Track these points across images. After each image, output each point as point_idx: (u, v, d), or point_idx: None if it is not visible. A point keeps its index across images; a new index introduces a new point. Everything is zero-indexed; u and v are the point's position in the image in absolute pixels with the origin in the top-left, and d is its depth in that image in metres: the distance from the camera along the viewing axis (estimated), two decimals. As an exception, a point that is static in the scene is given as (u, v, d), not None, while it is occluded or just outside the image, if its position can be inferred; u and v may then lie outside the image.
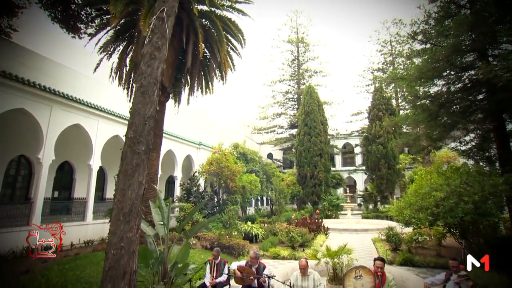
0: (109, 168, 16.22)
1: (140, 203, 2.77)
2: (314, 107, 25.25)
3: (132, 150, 2.71)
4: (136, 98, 2.87)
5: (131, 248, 2.63)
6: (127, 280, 2.50)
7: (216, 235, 11.23)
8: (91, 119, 12.47)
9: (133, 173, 2.66)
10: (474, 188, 8.00)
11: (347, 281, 4.17)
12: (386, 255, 9.87)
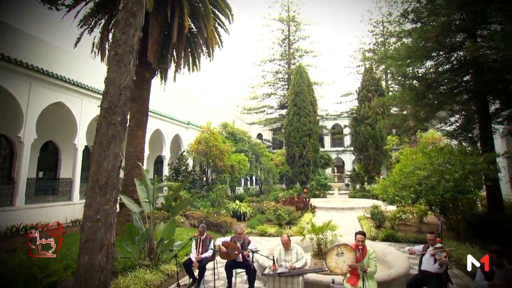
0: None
1: (117, 175, 2.71)
2: (304, 87, 25.09)
3: (107, 121, 2.61)
4: (111, 67, 2.73)
5: (108, 220, 2.59)
6: (105, 253, 2.49)
7: (204, 213, 11.33)
8: (75, 97, 12.06)
9: (108, 145, 2.57)
10: (455, 166, 8.23)
11: (329, 258, 4.26)
12: (370, 231, 10.19)
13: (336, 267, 4.24)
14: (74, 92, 11.91)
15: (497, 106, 10.27)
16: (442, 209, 9.65)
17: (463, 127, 11.19)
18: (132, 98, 9.32)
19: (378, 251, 7.09)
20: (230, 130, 22.40)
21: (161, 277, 5.77)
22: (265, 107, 35.68)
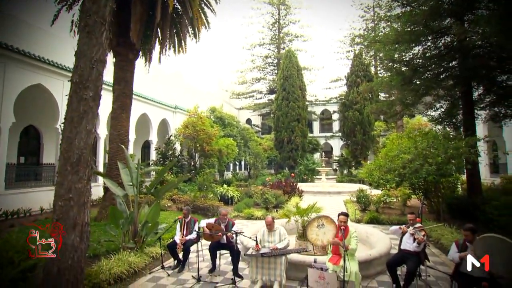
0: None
1: (89, 152, 2.60)
2: (293, 72, 24.91)
3: (78, 95, 2.48)
4: (81, 39, 2.56)
5: (81, 199, 2.51)
6: (79, 232, 2.41)
7: (191, 197, 11.32)
8: (55, 79, 11.59)
9: (80, 121, 2.45)
10: (438, 150, 8.39)
11: (310, 230, 4.31)
12: (355, 214, 10.40)
13: (317, 239, 4.30)
14: (54, 74, 11.44)
15: (480, 92, 10.42)
16: (425, 192, 9.90)
17: (447, 112, 11.37)
18: (115, 80, 9.16)
19: (361, 232, 7.26)
20: (218, 115, 22.17)
21: (146, 259, 5.76)
22: (254, 92, 35.39)
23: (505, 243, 3.46)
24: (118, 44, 9.00)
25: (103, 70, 2.80)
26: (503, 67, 9.10)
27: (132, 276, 5.14)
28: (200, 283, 4.86)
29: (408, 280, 4.42)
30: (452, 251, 4.15)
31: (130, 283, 4.90)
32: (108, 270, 4.89)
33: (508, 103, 9.85)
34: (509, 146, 15.56)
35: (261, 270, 4.41)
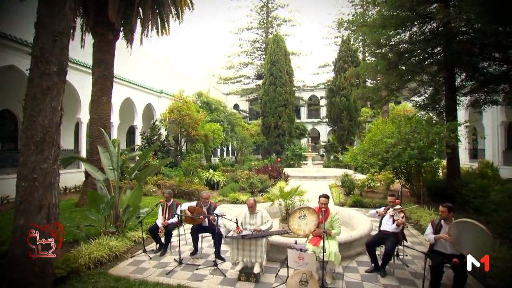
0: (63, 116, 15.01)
1: (56, 131, 2.46)
2: (281, 57, 24.61)
3: (40, 70, 2.31)
4: (40, 9, 2.35)
5: (47, 180, 2.39)
6: (45, 214, 2.31)
7: (176, 182, 11.23)
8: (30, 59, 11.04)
9: (43, 97, 2.29)
10: (421, 135, 8.52)
11: (292, 221, 4.33)
12: (339, 198, 10.58)
13: (299, 229, 4.33)
14: (28, 54, 10.88)
15: (462, 78, 10.57)
16: (407, 176, 10.13)
17: (431, 98, 11.54)
18: (94, 62, 8.80)
19: (344, 215, 7.40)
20: (205, 100, 21.84)
21: (128, 243, 5.70)
22: (241, 77, 34.93)
23: (475, 227, 3.65)
24: (96, 24, 8.58)
25: (68, 44, 2.62)
26: (485, 53, 9.22)
27: (113, 260, 5.09)
28: (181, 265, 4.85)
29: (386, 259, 4.55)
30: (428, 231, 4.27)
31: (111, 267, 4.85)
32: (87, 254, 4.82)
33: (488, 90, 10.05)
34: (487, 131, 16.04)
35: (242, 252, 4.43)
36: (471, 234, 3.68)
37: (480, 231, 3.60)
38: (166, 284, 4.18)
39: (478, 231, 3.62)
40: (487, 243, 3.55)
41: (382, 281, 4.33)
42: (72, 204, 8.74)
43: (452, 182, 9.28)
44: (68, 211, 7.90)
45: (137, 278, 4.41)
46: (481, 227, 3.60)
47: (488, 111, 15.11)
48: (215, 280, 4.33)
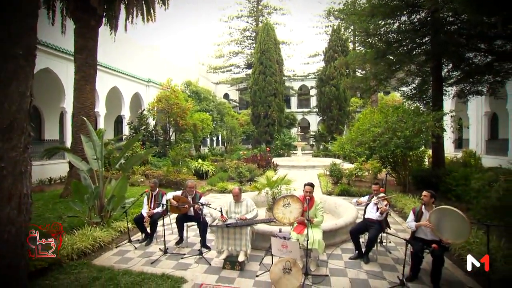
0: (44, 106, 14.56)
1: (26, 118, 2.35)
2: (271, 46, 24.35)
3: (3, 52, 2.18)
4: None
5: (17, 169, 2.29)
6: (15, 204, 2.22)
7: (164, 172, 11.13)
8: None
9: (9, 82, 2.17)
10: (407, 124, 8.62)
11: (276, 209, 4.34)
12: (327, 187, 10.67)
13: (284, 217, 4.35)
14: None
15: (449, 68, 10.68)
16: (394, 165, 10.28)
17: (418, 87, 11.65)
18: (76, 49, 8.50)
19: (331, 203, 7.48)
20: (193, 89, 21.53)
21: (113, 233, 5.65)
22: (231, 66, 34.51)
23: (453, 213, 3.75)
24: (76, 8, 8.24)
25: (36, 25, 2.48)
26: (471, 44, 9.30)
27: (97, 250, 5.04)
28: (166, 255, 4.84)
29: (369, 246, 4.64)
30: (409, 218, 4.35)
31: (95, 258, 4.80)
32: (70, 245, 4.75)
33: (473, 80, 10.20)
34: (472, 121, 16.37)
35: (227, 240, 4.44)
36: (450, 220, 3.79)
37: (458, 217, 3.69)
38: (151, 273, 4.16)
39: (456, 217, 3.71)
40: (465, 228, 3.65)
41: (365, 268, 4.42)
42: (56, 195, 8.58)
43: (436, 171, 9.47)
44: (52, 202, 7.76)
45: (121, 267, 4.38)
46: (459, 213, 3.69)
47: (473, 102, 15.40)
48: (200, 269, 4.33)
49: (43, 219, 6.33)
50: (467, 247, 4.63)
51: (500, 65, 9.28)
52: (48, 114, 14.81)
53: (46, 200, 8.02)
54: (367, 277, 4.13)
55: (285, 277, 3.69)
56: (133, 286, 3.80)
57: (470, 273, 4.20)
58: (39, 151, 11.72)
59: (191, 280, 3.99)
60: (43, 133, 14.99)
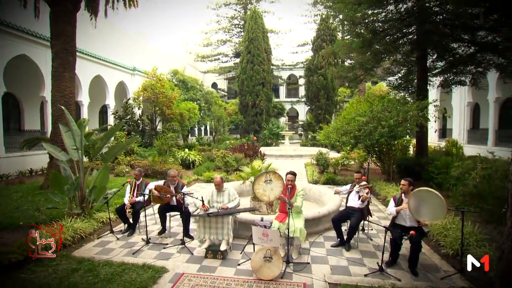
0: (23, 95, 14.03)
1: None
2: (259, 34, 24.00)
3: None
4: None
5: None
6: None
7: (149, 162, 10.98)
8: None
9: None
10: (392, 113, 8.71)
11: (257, 185, 4.32)
12: (313, 176, 10.77)
13: (264, 194, 4.35)
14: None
15: (433, 59, 10.79)
16: (379, 154, 10.43)
17: (405, 77, 11.76)
18: (53, 34, 8.15)
19: (315, 192, 7.56)
20: (180, 78, 21.13)
21: (95, 224, 5.57)
22: (219, 55, 33.99)
23: (430, 193, 3.87)
24: (51, -10, 7.86)
25: None
26: (455, 35, 9.39)
27: (78, 242, 4.95)
28: (149, 245, 4.80)
29: (350, 234, 4.71)
30: (390, 205, 4.44)
31: (76, 249, 4.72)
32: (49, 237, 4.64)
33: (456, 71, 10.35)
34: (455, 111, 16.73)
35: (209, 229, 4.43)
36: (427, 202, 3.89)
37: (434, 197, 3.81)
38: (132, 263, 4.13)
39: (432, 197, 3.83)
40: (441, 208, 3.77)
41: (346, 255, 4.50)
42: (36, 186, 8.35)
43: (420, 160, 9.66)
44: (32, 194, 7.56)
45: (102, 259, 4.32)
46: (435, 193, 3.81)
47: (456, 92, 15.71)
48: (182, 258, 4.32)
49: (20, 211, 6.17)
50: (444, 232, 4.77)
51: (482, 56, 9.43)
52: (27, 104, 14.30)
53: (25, 192, 7.81)
54: (347, 264, 4.21)
55: (266, 265, 3.72)
56: (113, 276, 3.76)
57: (445, 257, 4.38)
58: (19, 142, 11.36)
59: (172, 269, 3.98)
60: (22, 123, 14.51)
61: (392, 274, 3.82)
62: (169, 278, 3.76)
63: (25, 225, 5.36)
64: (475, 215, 5.40)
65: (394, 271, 3.94)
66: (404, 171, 9.95)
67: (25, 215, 5.93)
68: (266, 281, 3.64)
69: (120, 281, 3.65)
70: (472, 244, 4.24)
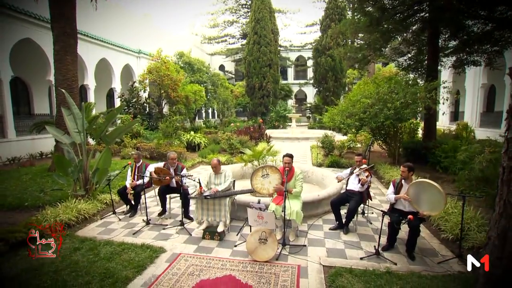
0: (31, 79, 14.18)
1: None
2: (265, 14, 23.34)
3: None
4: None
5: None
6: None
7: (155, 145, 11.08)
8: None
9: None
10: (398, 95, 8.45)
11: (255, 180, 4.31)
12: (317, 158, 10.69)
13: (262, 188, 4.35)
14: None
15: (445, 37, 10.30)
16: (385, 137, 10.23)
17: (414, 57, 11.31)
18: (52, 17, 8.05)
19: (318, 175, 7.51)
20: (186, 60, 20.90)
21: (98, 206, 5.70)
22: (226, 37, 33.39)
23: (430, 186, 3.79)
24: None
25: None
26: (471, 11, 8.87)
27: (82, 222, 5.09)
28: (149, 226, 4.91)
29: (349, 217, 4.68)
30: (389, 190, 4.37)
31: (80, 229, 4.86)
32: (53, 217, 4.79)
33: (470, 50, 9.87)
34: (468, 93, 16.14)
35: (206, 211, 4.47)
36: (427, 193, 3.85)
37: (435, 190, 3.74)
38: (131, 243, 4.23)
39: (433, 190, 3.78)
40: (440, 200, 3.71)
41: (343, 238, 4.49)
42: (45, 169, 8.56)
43: (427, 143, 9.44)
44: (40, 176, 7.75)
45: (103, 238, 4.44)
46: (435, 186, 3.71)
47: (470, 73, 15.10)
48: (180, 239, 4.40)
49: (28, 193, 6.35)
50: (445, 217, 4.69)
51: (500, 34, 8.93)
52: (36, 88, 14.48)
53: (34, 174, 8.01)
54: (344, 247, 4.21)
55: (261, 247, 3.75)
56: (112, 255, 3.86)
57: (444, 241, 4.33)
58: (29, 126, 11.58)
59: (170, 249, 4.06)
60: (32, 107, 14.76)
61: (388, 258, 3.80)
62: (166, 258, 3.84)
63: (31, 206, 5.54)
64: (480, 200, 5.28)
65: (390, 255, 3.92)
66: (410, 154, 9.77)
67: (32, 196, 6.11)
68: (261, 263, 3.68)
69: (119, 260, 3.75)
70: (473, 229, 4.16)
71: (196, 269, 3.53)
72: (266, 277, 3.37)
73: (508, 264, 2.47)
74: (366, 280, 3.29)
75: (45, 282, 3.32)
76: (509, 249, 2.46)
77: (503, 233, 2.49)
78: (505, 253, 2.48)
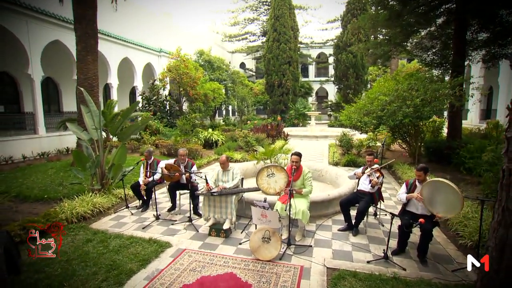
0: (60, 78, 14.97)
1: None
2: (285, 11, 23.06)
3: None
4: None
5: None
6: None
7: (173, 142, 11.32)
8: (16, 18, 10.54)
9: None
10: (419, 92, 8.06)
11: (260, 180, 4.28)
12: (334, 157, 10.47)
13: (269, 188, 4.31)
14: (13, 12, 10.38)
15: (474, 29, 9.67)
16: (405, 136, 9.82)
17: (439, 52, 10.74)
18: (75, 18, 8.40)
19: (332, 174, 7.35)
20: (206, 58, 21.13)
21: (113, 200, 5.90)
22: (247, 34, 33.40)
23: (446, 186, 3.55)
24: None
25: None
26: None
27: (97, 215, 5.30)
28: (158, 220, 5.02)
29: (358, 218, 4.53)
30: (401, 190, 4.17)
31: (94, 222, 5.05)
32: (70, 210, 5.01)
33: (503, 42, 9.19)
34: (503, 90, 15.12)
35: (213, 208, 4.50)
36: (442, 194, 3.60)
37: (450, 190, 3.50)
38: (139, 237, 4.34)
39: (448, 190, 3.53)
40: (457, 201, 3.46)
41: (352, 240, 4.36)
42: (69, 164, 8.99)
43: (451, 143, 8.96)
44: (63, 170, 8.16)
45: (114, 232, 4.59)
46: (451, 186, 3.48)
47: (505, 68, 14.12)
48: (187, 235, 4.46)
49: (52, 186, 6.71)
50: (464, 222, 4.43)
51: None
52: (65, 87, 15.26)
53: (58, 168, 8.44)
54: (351, 249, 4.08)
55: (264, 246, 3.72)
56: (120, 248, 3.99)
57: (462, 248, 4.09)
58: (58, 123, 12.22)
59: (175, 245, 4.12)
60: (61, 105, 15.57)
61: (397, 262, 3.64)
62: (171, 253, 3.90)
63: (51, 198, 5.83)
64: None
65: (400, 259, 3.76)
66: (432, 154, 9.33)
67: (53, 189, 6.44)
68: (263, 262, 3.65)
69: (126, 253, 3.86)
70: (492, 234, 3.89)
71: (199, 265, 3.57)
72: (267, 277, 3.34)
73: (505, 278, 2.25)
74: (370, 285, 3.17)
75: (56, 270, 3.50)
76: (507, 262, 2.24)
77: (501, 243, 2.28)
78: (502, 266, 2.26)
